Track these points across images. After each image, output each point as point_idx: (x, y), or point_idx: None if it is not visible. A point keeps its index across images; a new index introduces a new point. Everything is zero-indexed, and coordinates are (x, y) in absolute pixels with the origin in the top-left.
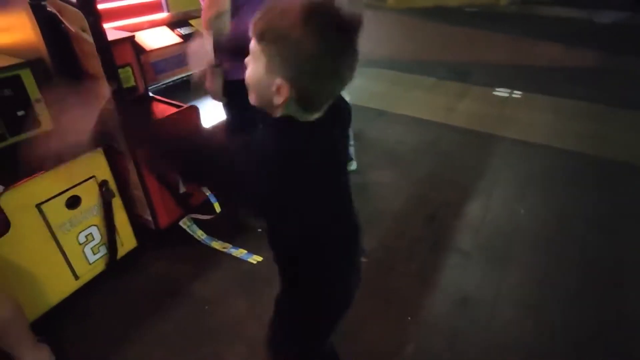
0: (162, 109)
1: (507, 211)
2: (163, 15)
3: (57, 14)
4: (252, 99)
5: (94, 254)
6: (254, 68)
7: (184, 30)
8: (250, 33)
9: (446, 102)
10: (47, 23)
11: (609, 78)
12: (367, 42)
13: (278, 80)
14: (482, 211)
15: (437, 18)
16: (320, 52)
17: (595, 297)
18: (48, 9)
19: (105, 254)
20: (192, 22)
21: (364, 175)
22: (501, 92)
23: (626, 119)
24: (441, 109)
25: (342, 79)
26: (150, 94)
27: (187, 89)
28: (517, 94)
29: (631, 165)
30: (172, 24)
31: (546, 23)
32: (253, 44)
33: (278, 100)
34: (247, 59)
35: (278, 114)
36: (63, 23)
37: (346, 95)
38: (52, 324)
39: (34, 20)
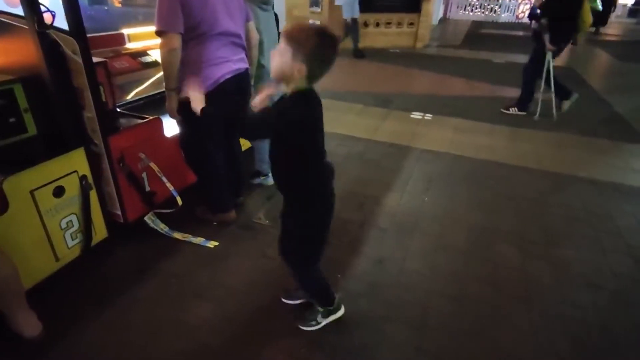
0: (131, 120)
1: (415, 200)
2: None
3: (57, 39)
4: (274, 75)
5: (72, 240)
6: (281, 58)
7: (144, 59)
8: (282, 37)
9: (372, 123)
10: (49, 47)
11: (497, 104)
12: None
13: (298, 64)
14: (397, 200)
15: (365, 57)
16: (321, 50)
17: (476, 250)
18: (50, 36)
19: (81, 240)
20: (149, 52)
21: None
22: (416, 115)
23: (507, 133)
24: (368, 128)
25: (329, 64)
26: (118, 109)
27: (148, 107)
28: (428, 116)
29: (509, 165)
30: (134, 54)
31: (454, 62)
32: (282, 44)
33: (297, 75)
34: (272, 52)
35: (291, 87)
36: (62, 47)
37: None
38: (35, 299)
39: (39, 45)
